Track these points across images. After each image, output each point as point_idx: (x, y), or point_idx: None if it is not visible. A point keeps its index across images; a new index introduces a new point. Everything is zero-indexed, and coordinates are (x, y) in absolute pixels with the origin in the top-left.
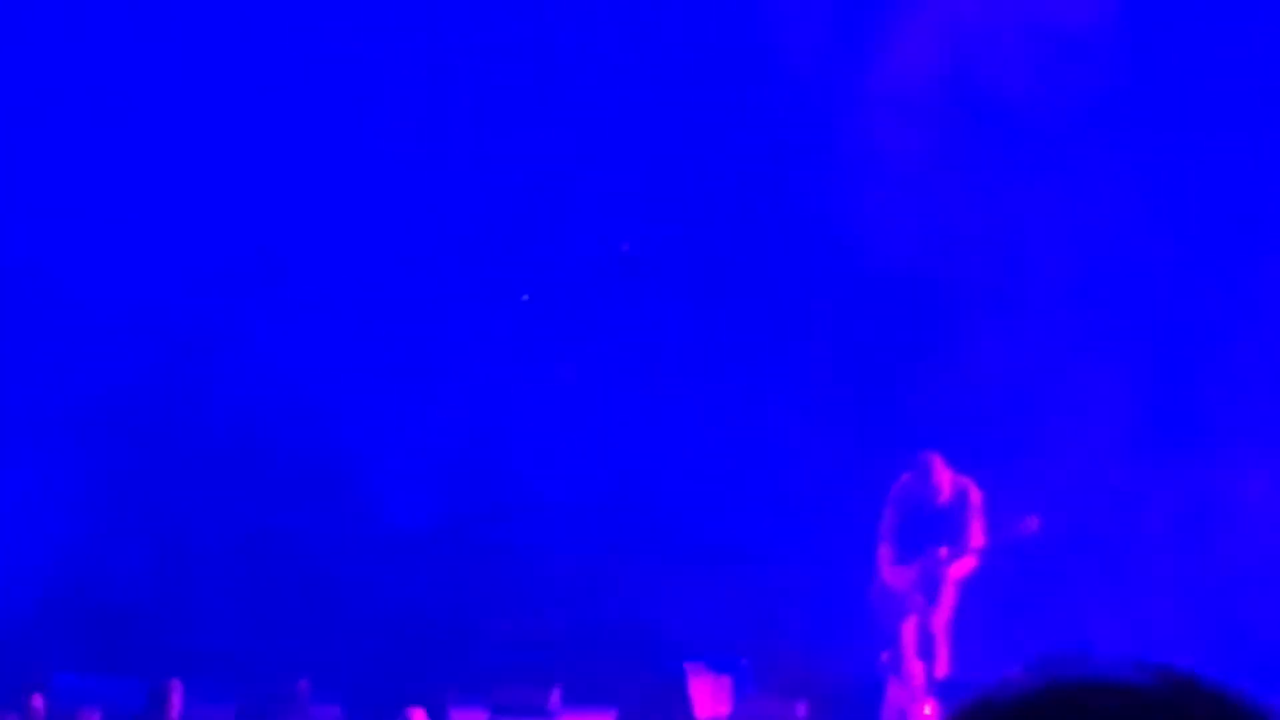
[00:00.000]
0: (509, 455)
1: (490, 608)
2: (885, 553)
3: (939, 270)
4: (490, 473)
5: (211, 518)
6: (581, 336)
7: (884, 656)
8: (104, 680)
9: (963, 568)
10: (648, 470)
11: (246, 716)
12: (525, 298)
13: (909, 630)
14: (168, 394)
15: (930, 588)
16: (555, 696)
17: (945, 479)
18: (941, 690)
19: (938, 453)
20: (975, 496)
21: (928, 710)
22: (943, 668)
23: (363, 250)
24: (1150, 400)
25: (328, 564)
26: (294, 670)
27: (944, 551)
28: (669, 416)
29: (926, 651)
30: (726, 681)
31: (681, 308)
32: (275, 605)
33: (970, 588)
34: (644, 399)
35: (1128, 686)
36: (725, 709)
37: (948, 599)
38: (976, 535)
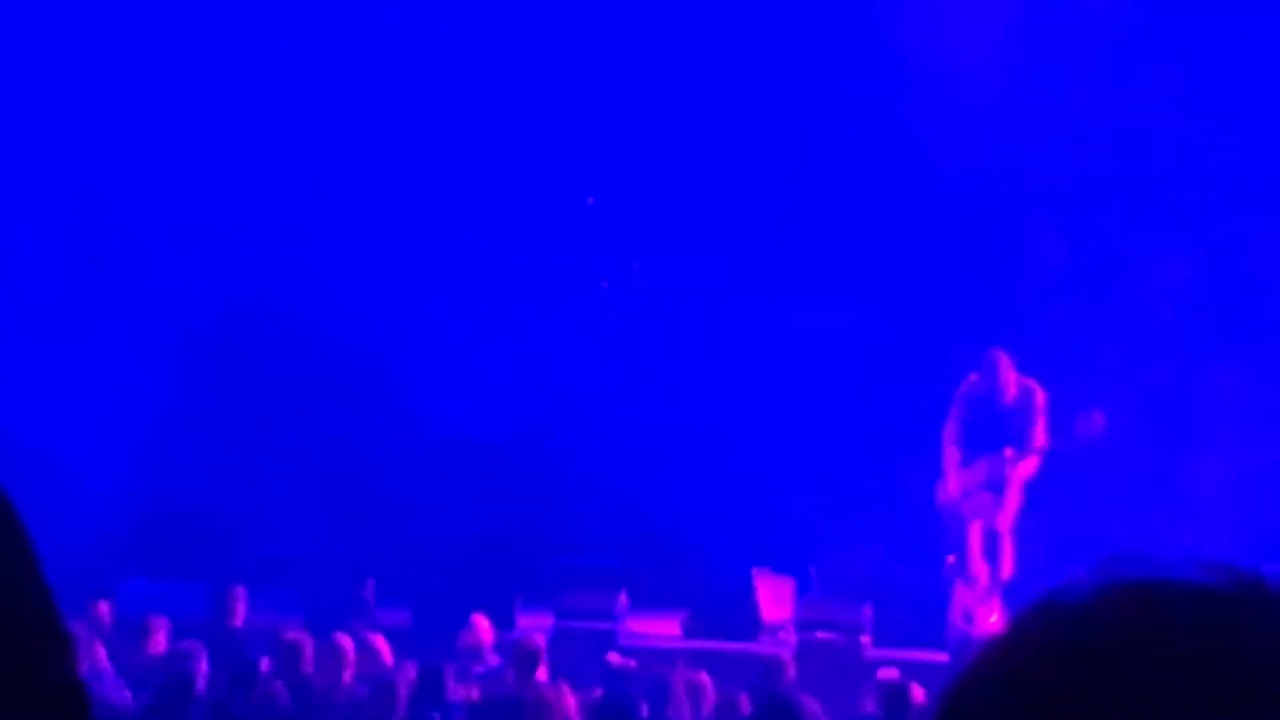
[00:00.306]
0: (576, 365)
1: (557, 514)
2: (951, 455)
3: (1004, 171)
4: (557, 382)
5: (282, 427)
6: (644, 246)
7: (950, 559)
8: (170, 585)
9: (1028, 468)
10: (712, 378)
11: (312, 622)
12: (590, 200)
13: (974, 532)
14: (244, 307)
15: (996, 489)
16: (622, 601)
17: (1011, 379)
18: (1007, 592)
19: (1003, 353)
20: (1040, 396)
21: (993, 615)
22: (1008, 569)
23: (433, 167)
24: (1216, 297)
25: (395, 472)
26: (360, 576)
27: (1009, 452)
28: (730, 325)
29: (992, 553)
30: (791, 585)
31: (745, 220)
32: (343, 512)
33: (1036, 488)
34: (705, 309)
35: (1195, 587)
36: (790, 613)
37: (1013, 500)
38: (1041, 435)
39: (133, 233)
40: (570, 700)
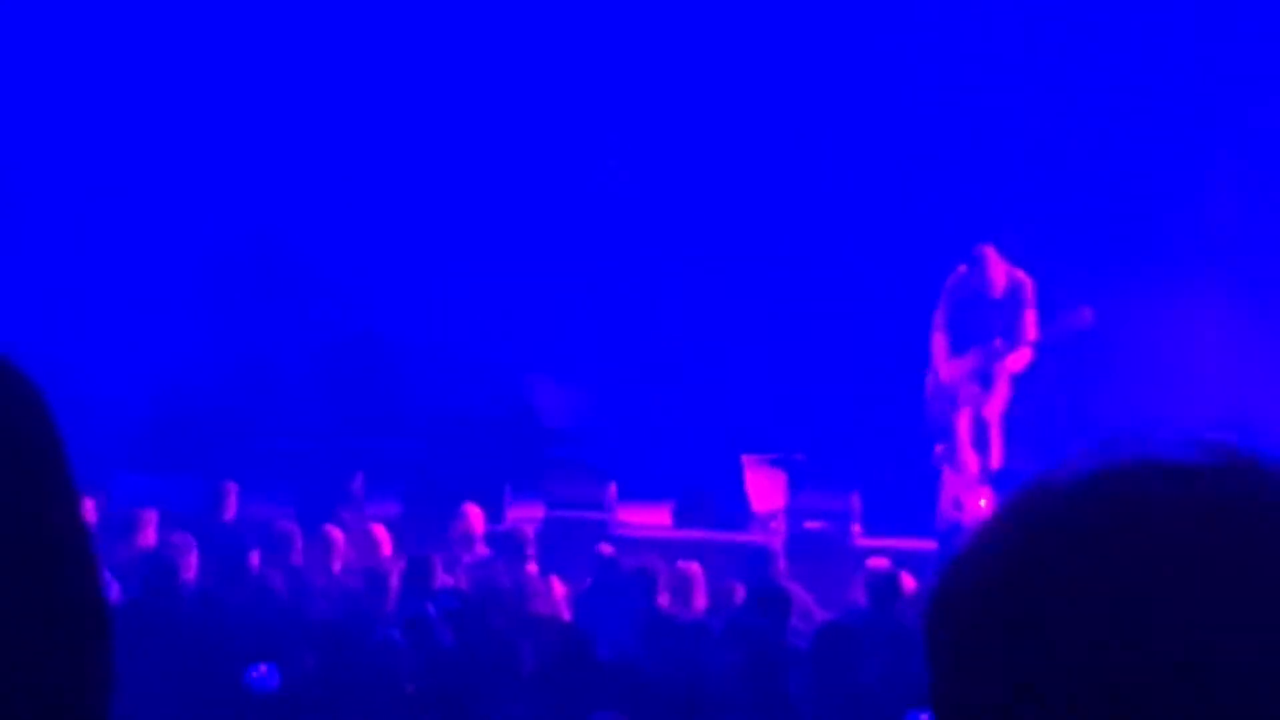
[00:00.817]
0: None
1: (545, 405)
2: (940, 344)
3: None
4: (548, 281)
5: (274, 322)
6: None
7: (938, 448)
8: (160, 479)
9: (1018, 360)
10: (703, 270)
11: (303, 514)
12: None
13: (964, 421)
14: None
15: (985, 379)
16: (611, 491)
17: (1000, 271)
18: (996, 480)
19: (992, 247)
20: (1029, 287)
21: (983, 501)
22: (997, 458)
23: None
24: (1208, 196)
25: (383, 362)
26: (350, 468)
27: (999, 342)
28: (723, 219)
29: (981, 442)
30: (782, 475)
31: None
32: (333, 405)
33: (1026, 379)
34: (697, 207)
35: (1189, 466)
36: (781, 502)
37: (1002, 389)
38: (1031, 327)
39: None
40: (559, 591)
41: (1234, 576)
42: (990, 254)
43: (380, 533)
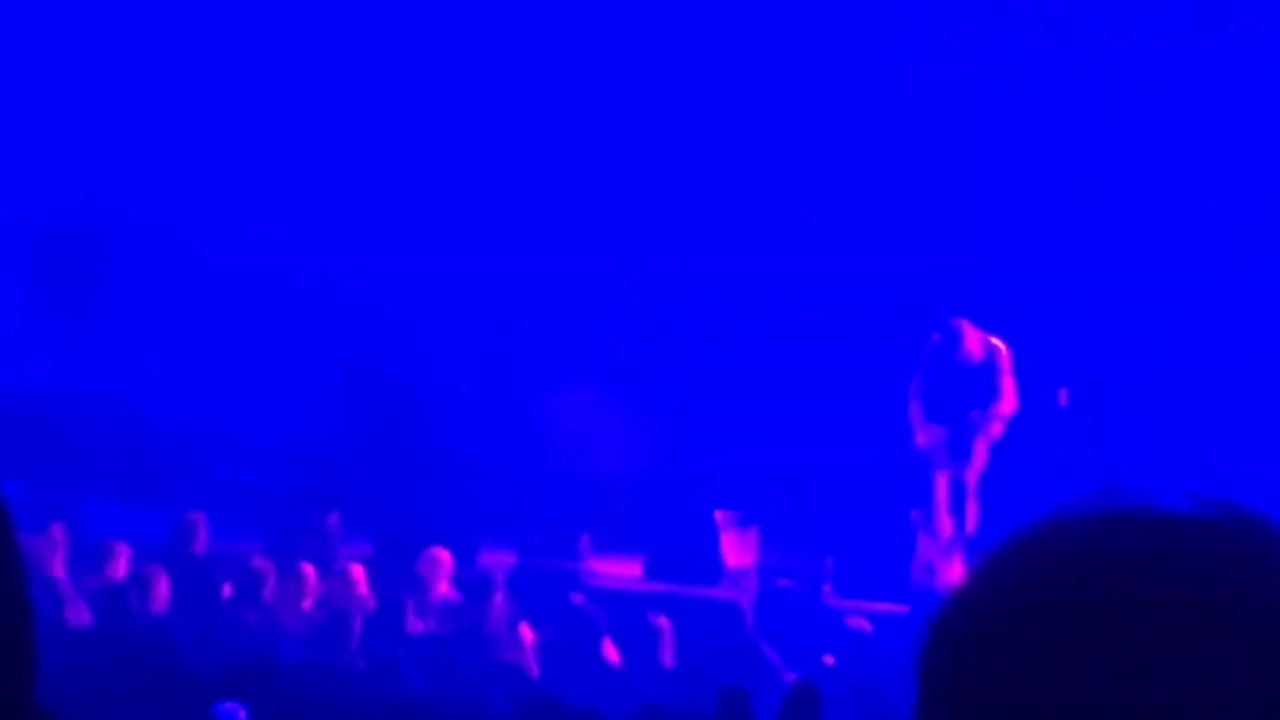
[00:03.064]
0: (538, 303)
1: (522, 455)
2: (916, 411)
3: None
4: (527, 330)
5: (250, 355)
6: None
7: (914, 513)
8: (130, 510)
9: (995, 429)
10: (681, 326)
11: (274, 550)
12: None
13: (940, 487)
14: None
15: (961, 445)
16: (584, 542)
17: (974, 339)
18: (971, 546)
19: (966, 320)
20: (1005, 354)
21: (957, 571)
22: (973, 524)
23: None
24: (1183, 263)
25: (360, 400)
26: (324, 506)
27: (977, 408)
28: (698, 278)
29: (957, 507)
30: (754, 532)
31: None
32: (307, 440)
33: (1003, 445)
34: (671, 260)
35: (1194, 519)
36: (752, 559)
37: (980, 455)
38: (1008, 395)
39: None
40: (527, 636)
41: (1234, 631)
42: (965, 324)
43: (357, 572)
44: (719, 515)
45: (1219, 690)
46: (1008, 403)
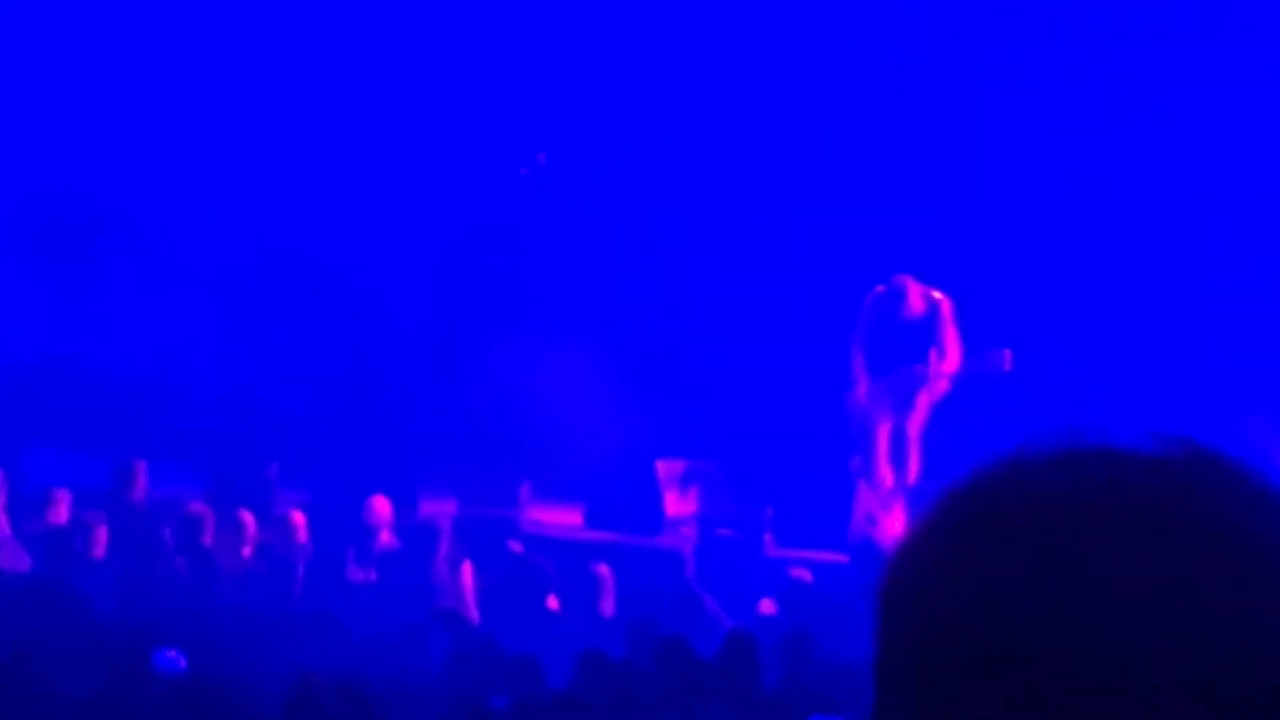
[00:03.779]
0: (488, 251)
1: (463, 402)
2: (858, 362)
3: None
4: (477, 278)
5: (189, 303)
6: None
7: (855, 462)
8: (71, 456)
9: (939, 383)
10: (625, 275)
11: (213, 498)
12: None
13: (881, 438)
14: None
15: (904, 396)
16: (525, 490)
17: (918, 293)
18: (912, 497)
19: (910, 273)
20: (947, 306)
21: (897, 521)
22: (914, 474)
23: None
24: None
25: (301, 349)
26: (264, 455)
27: (920, 360)
28: (647, 224)
29: (898, 458)
30: (696, 481)
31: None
32: (248, 389)
33: (944, 399)
34: (625, 206)
35: (1158, 456)
36: (693, 508)
37: (922, 406)
38: (951, 349)
39: None
40: (468, 582)
41: (1203, 568)
42: (908, 280)
43: (297, 519)
44: (660, 465)
45: (1182, 620)
46: (950, 357)
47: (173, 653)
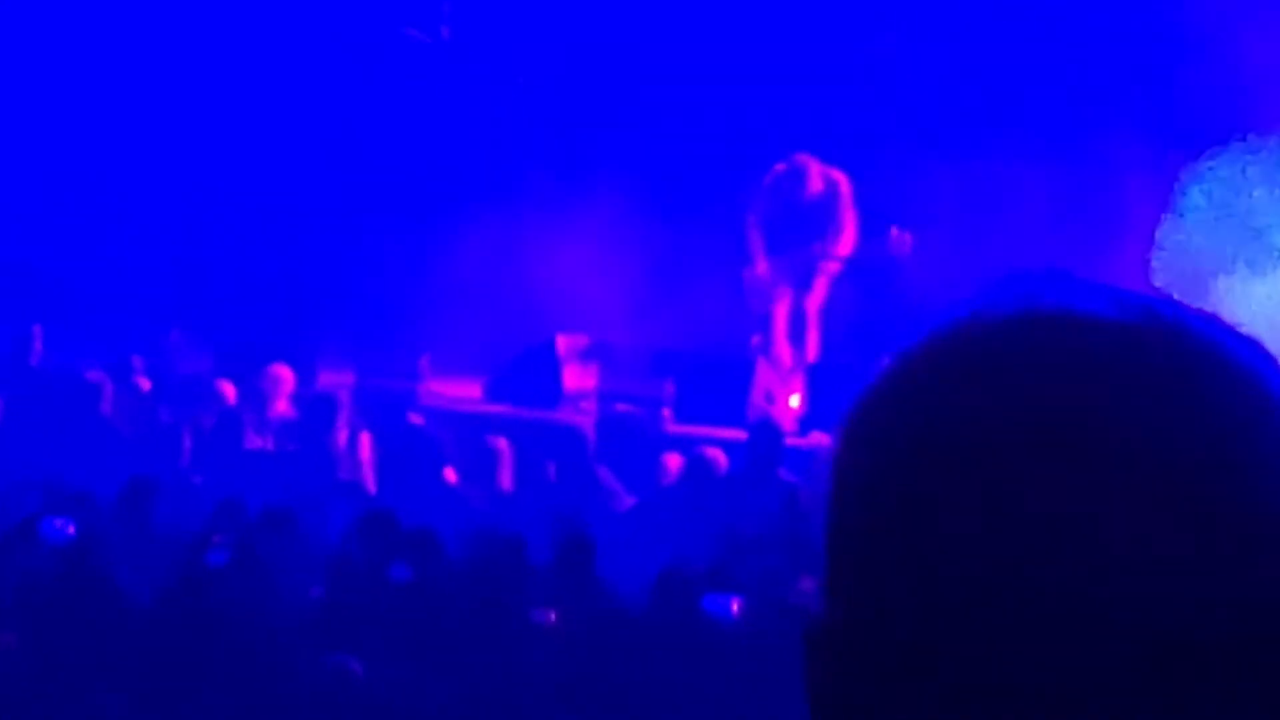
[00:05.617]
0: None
1: (362, 274)
2: (757, 240)
3: None
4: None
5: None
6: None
7: (755, 339)
8: None
9: (834, 263)
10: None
11: (113, 366)
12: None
13: (780, 314)
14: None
15: (803, 275)
16: (424, 362)
17: (817, 172)
18: (810, 374)
19: (808, 151)
20: (845, 186)
21: (794, 401)
22: (813, 352)
23: None
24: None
25: (202, 215)
26: (166, 322)
27: (818, 239)
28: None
29: (798, 335)
30: (595, 357)
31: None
32: (148, 254)
33: (842, 276)
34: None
35: (1112, 321)
36: (593, 382)
37: (821, 286)
38: (848, 229)
39: None
40: (367, 454)
41: (1161, 433)
42: (806, 158)
43: (197, 386)
44: (560, 339)
45: (1132, 511)
46: (848, 236)
47: (61, 521)
